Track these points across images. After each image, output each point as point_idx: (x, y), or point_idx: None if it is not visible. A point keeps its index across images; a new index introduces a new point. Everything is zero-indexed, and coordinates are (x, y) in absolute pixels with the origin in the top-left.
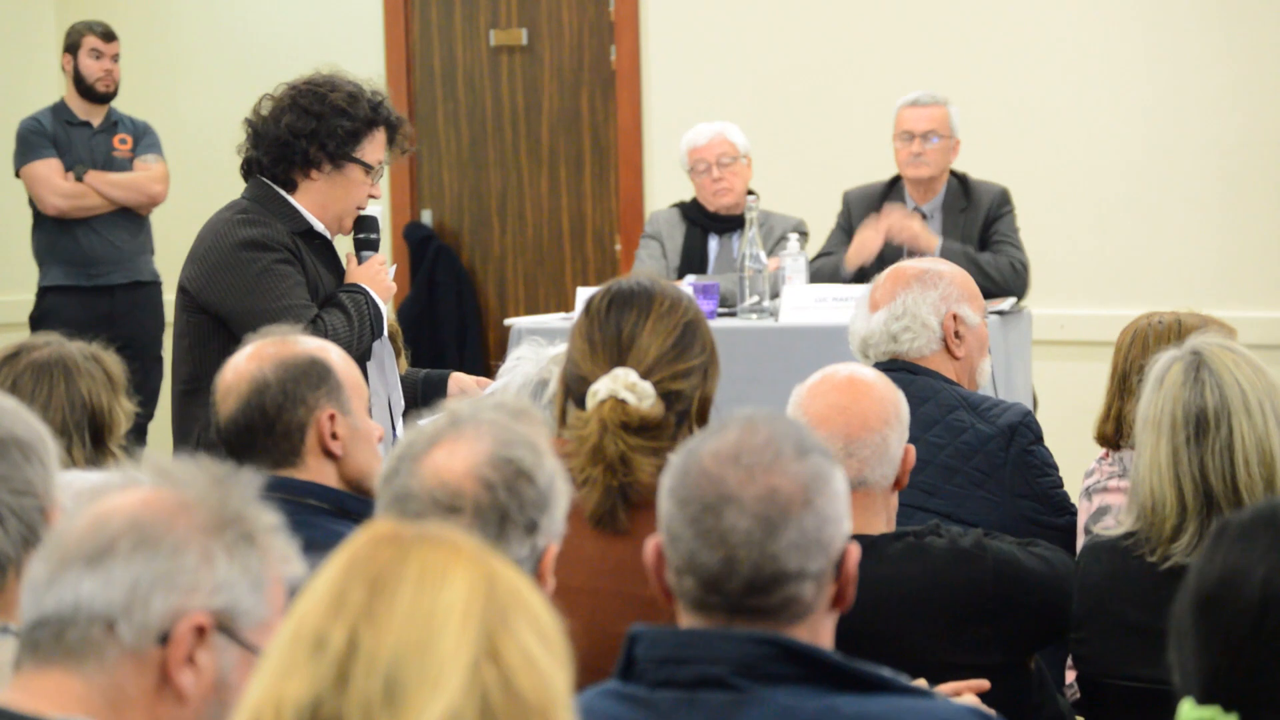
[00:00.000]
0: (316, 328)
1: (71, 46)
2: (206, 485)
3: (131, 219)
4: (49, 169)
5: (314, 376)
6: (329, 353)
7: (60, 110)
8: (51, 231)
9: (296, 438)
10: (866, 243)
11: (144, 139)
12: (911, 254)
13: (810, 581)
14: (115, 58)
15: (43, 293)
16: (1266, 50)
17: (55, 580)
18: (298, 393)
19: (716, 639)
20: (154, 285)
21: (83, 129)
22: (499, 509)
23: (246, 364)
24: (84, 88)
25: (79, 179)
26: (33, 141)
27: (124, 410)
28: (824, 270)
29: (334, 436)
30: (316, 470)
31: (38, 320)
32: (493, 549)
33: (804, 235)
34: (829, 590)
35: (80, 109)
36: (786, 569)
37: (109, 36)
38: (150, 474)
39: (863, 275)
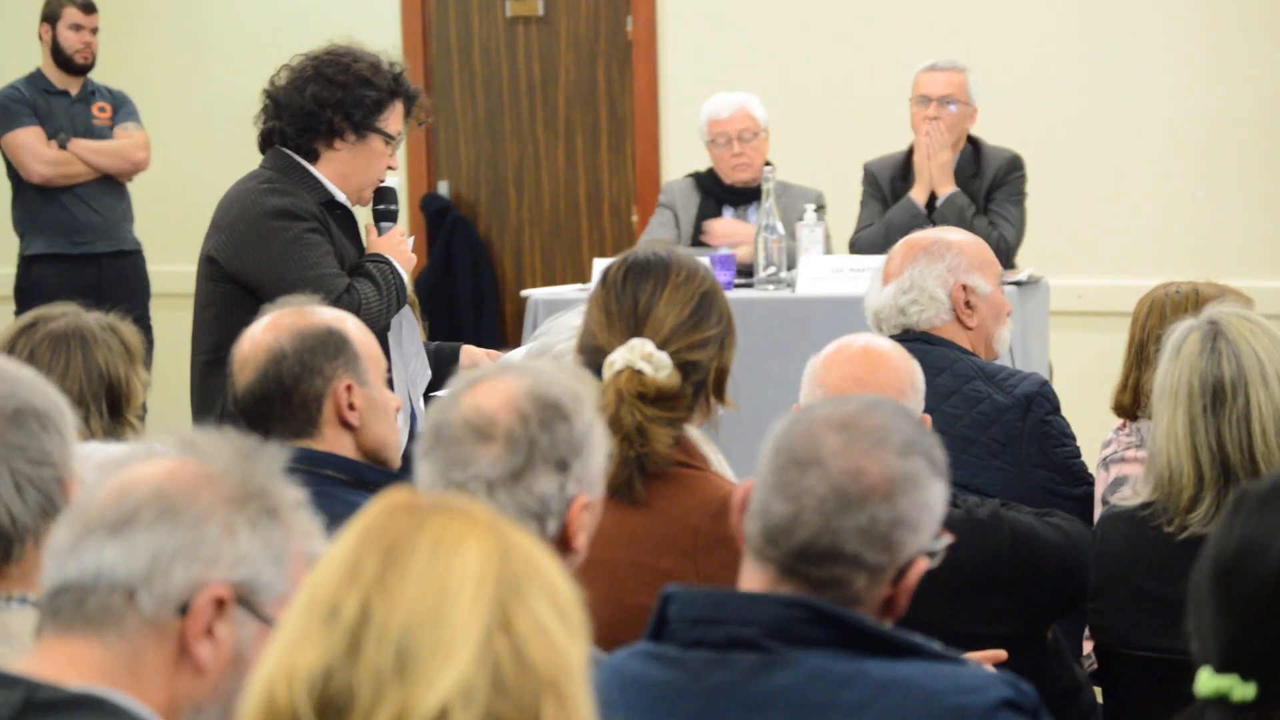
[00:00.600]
0: (350, 297)
1: (50, 17)
2: (232, 458)
3: (114, 187)
4: (32, 136)
5: (331, 347)
6: (346, 323)
7: (37, 79)
8: (34, 200)
9: (313, 408)
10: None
11: (123, 108)
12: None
13: (864, 573)
14: (95, 30)
15: (27, 262)
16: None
17: (77, 547)
18: (315, 363)
19: (749, 601)
20: (137, 254)
21: (61, 98)
22: (529, 440)
23: (264, 335)
24: (62, 59)
25: (62, 146)
26: (13, 110)
27: (141, 381)
28: (896, 219)
29: (351, 407)
30: (333, 441)
31: (24, 291)
32: (517, 480)
33: (821, 208)
34: (883, 591)
35: (57, 79)
36: (843, 549)
37: (89, 8)
38: (176, 445)
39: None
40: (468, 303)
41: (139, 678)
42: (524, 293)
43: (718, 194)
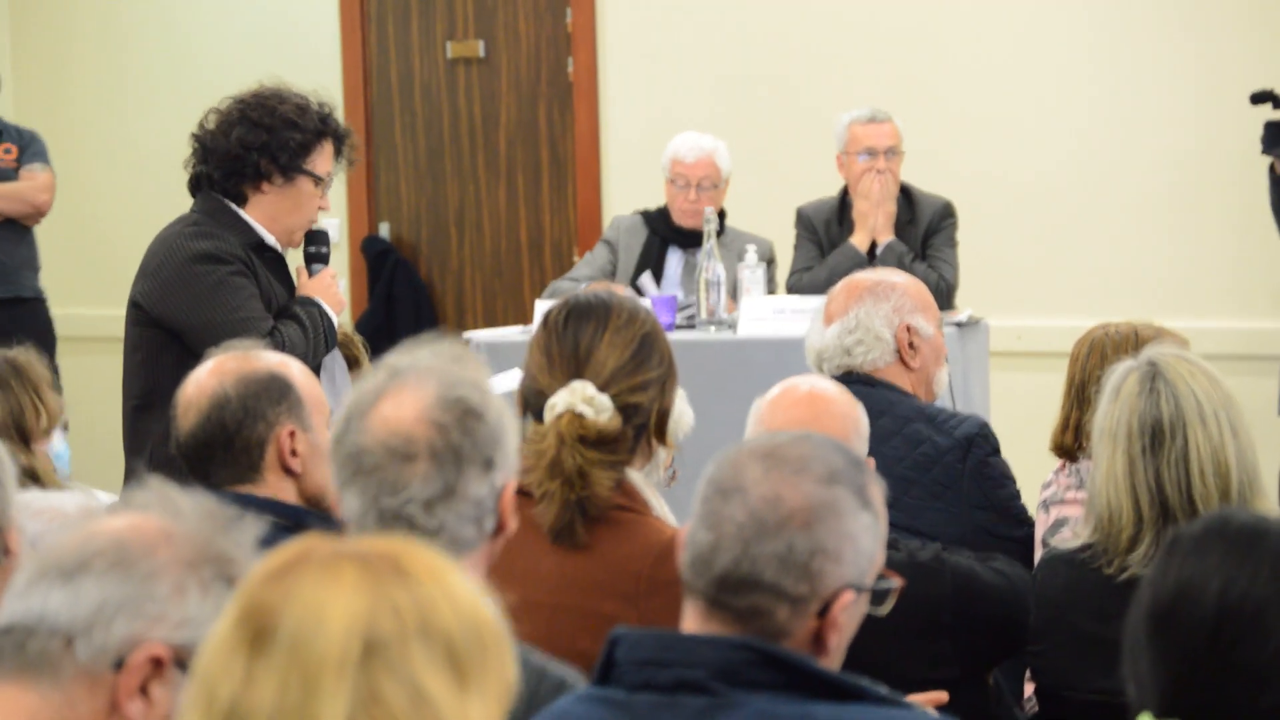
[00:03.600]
0: (274, 340)
1: None
2: (199, 520)
3: (15, 231)
4: None
5: (275, 392)
6: (291, 368)
7: None
8: None
9: (256, 453)
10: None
11: (30, 147)
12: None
13: (785, 603)
14: None
15: None
16: (1221, 61)
17: (29, 589)
18: (258, 408)
19: (697, 643)
20: (36, 301)
21: None
22: (453, 449)
23: (207, 379)
24: None
25: None
26: None
27: (50, 407)
28: (841, 266)
29: (294, 453)
30: (276, 486)
31: None
32: (452, 494)
33: (772, 261)
34: (808, 624)
35: None
36: (760, 577)
37: None
38: (151, 499)
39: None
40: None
41: None
42: (466, 335)
43: (665, 234)
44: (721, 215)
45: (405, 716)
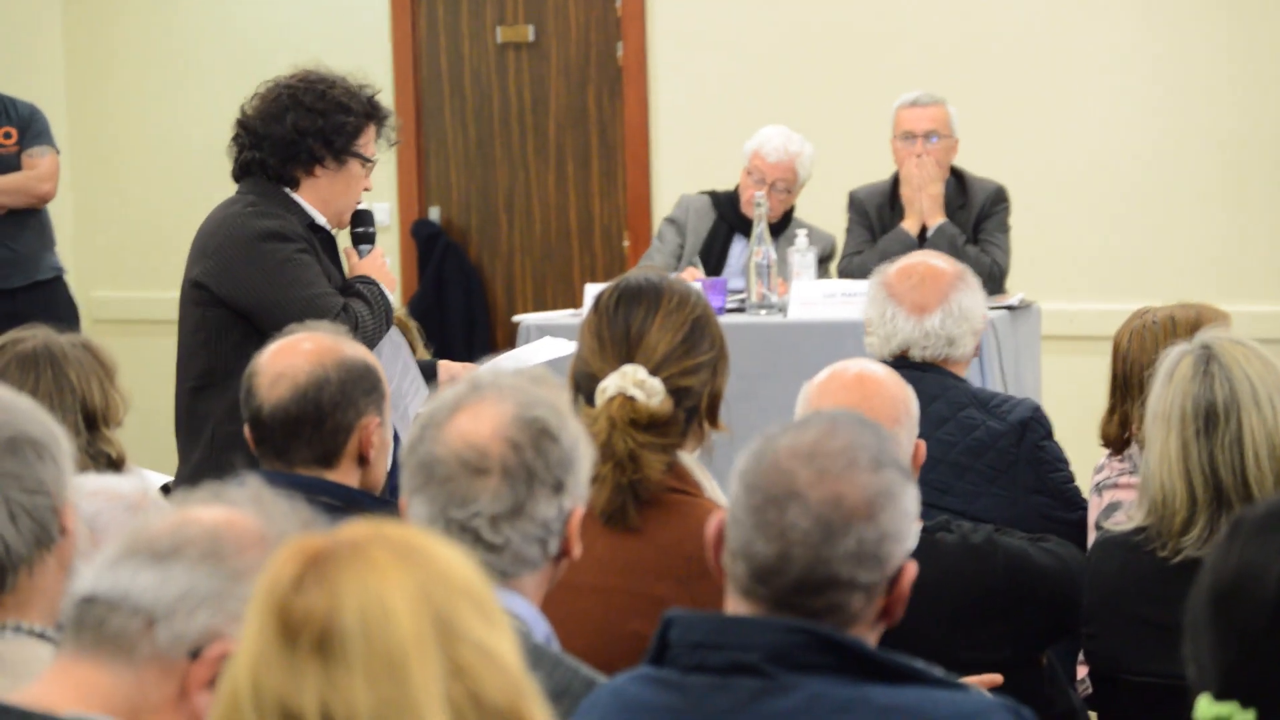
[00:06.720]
0: (347, 315)
1: None
2: (294, 527)
3: (25, 218)
4: None
5: (368, 382)
6: (377, 361)
7: None
8: None
9: (342, 438)
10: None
11: (30, 128)
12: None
13: (860, 593)
14: None
15: None
16: (1271, 44)
17: (119, 564)
18: (353, 395)
19: (750, 626)
20: (57, 280)
21: None
22: (526, 469)
23: (303, 358)
24: None
25: None
26: None
27: (121, 395)
28: (892, 250)
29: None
30: (347, 473)
31: None
32: (520, 512)
33: (829, 258)
34: (878, 604)
35: None
36: (838, 576)
37: None
38: (246, 498)
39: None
40: (459, 328)
41: (140, 713)
42: (516, 318)
43: (732, 220)
44: (790, 209)
45: (483, 674)
